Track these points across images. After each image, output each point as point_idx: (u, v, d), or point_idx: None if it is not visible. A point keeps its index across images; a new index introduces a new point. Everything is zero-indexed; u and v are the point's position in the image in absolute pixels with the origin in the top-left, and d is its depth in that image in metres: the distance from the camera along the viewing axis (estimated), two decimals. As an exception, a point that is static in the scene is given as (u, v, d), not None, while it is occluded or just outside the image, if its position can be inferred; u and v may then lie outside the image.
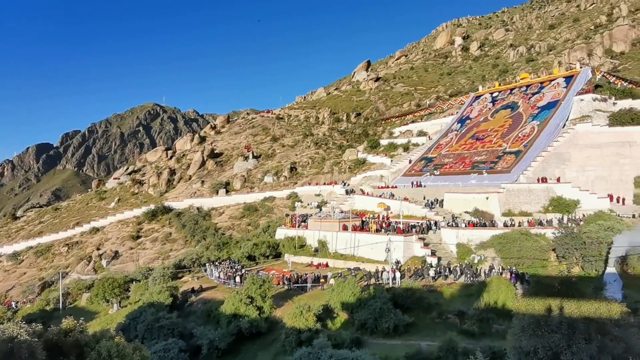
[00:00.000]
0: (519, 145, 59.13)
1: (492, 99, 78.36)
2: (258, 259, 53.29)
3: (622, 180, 49.79)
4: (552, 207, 46.82)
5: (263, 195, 79.19)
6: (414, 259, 42.45)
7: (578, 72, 69.07)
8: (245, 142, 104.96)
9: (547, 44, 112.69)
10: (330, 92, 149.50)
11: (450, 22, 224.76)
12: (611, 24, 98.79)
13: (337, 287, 34.48)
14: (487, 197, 48.43)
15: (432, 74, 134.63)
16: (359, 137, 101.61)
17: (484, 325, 29.22)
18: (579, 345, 15.38)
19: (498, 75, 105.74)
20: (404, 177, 68.71)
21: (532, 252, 38.40)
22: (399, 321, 30.07)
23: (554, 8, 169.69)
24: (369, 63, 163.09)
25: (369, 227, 49.15)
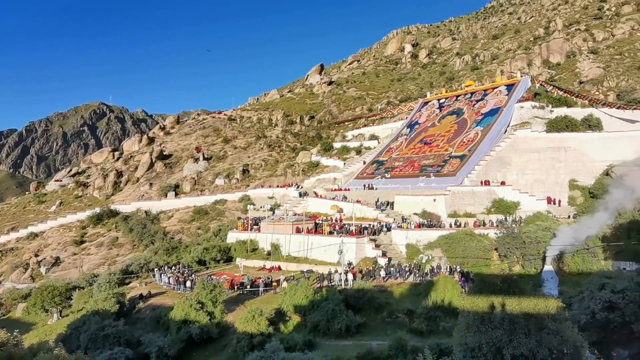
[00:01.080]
0: (464, 150, 61.71)
1: (439, 105, 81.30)
2: (209, 264, 52.26)
3: (558, 183, 53.12)
4: (494, 209, 49.18)
5: (214, 198, 77.77)
6: (366, 260, 43.23)
7: (519, 80, 73.08)
8: (196, 144, 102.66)
9: (491, 53, 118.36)
10: (283, 94, 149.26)
11: (400, 29, 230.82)
12: (548, 37, 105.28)
13: (289, 290, 34.49)
14: (435, 199, 50.16)
15: (383, 80, 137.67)
16: (312, 139, 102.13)
17: (431, 323, 30.21)
18: (520, 340, 16.23)
19: (445, 82, 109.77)
20: (356, 180, 69.81)
21: (476, 251, 40.21)
22: (350, 322, 30.52)
23: (497, 19, 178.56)
24: (323, 67, 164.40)
25: (322, 230, 49.49)
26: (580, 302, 28.89)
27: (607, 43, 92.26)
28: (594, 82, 77.47)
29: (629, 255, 35.63)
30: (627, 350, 26.80)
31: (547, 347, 15.95)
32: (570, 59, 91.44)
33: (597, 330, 26.94)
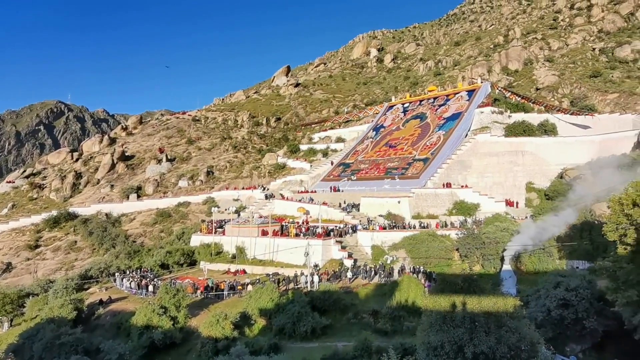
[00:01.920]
0: (427, 153, 63.17)
1: (404, 109, 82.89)
2: (172, 267, 51.14)
3: (516, 185, 55.21)
4: (456, 210, 50.59)
5: (177, 200, 76.17)
6: (332, 261, 43.46)
7: (479, 86, 75.51)
8: (159, 145, 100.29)
9: (453, 60, 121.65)
10: (249, 95, 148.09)
11: (366, 33, 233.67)
12: (507, 44, 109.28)
13: (255, 293, 34.24)
14: (399, 201, 51.06)
15: (350, 83, 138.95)
16: (279, 141, 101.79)
17: (396, 323, 30.70)
18: (480, 338, 16.71)
19: (409, 87, 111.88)
20: (323, 182, 70.12)
21: (439, 251, 41.22)
22: (316, 324, 30.59)
23: (459, 26, 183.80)
24: (289, 68, 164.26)
25: (289, 232, 49.39)
26: (537, 300, 30.10)
27: (562, 52, 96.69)
28: (549, 89, 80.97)
29: (581, 255, 37.43)
30: (580, 345, 28.14)
31: (506, 345, 16.49)
32: (528, 67, 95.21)
33: (552, 327, 28.15)
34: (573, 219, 40.26)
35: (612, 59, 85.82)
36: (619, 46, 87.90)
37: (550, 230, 39.65)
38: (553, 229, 39.61)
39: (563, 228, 39.91)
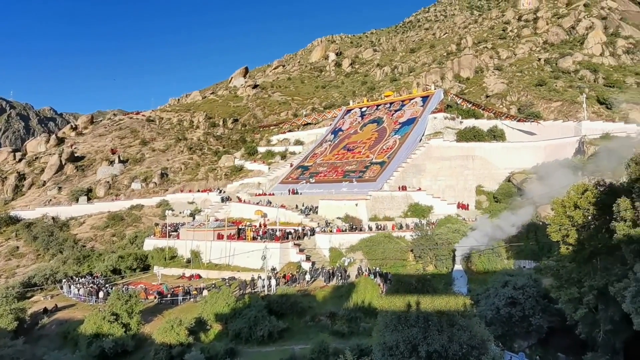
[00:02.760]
0: (384, 157, 64.45)
1: (361, 114, 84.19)
2: (124, 273, 49.34)
3: (466, 188, 57.27)
4: (411, 212, 51.90)
5: (130, 203, 73.63)
6: (290, 264, 43.45)
7: (433, 93, 77.89)
8: (111, 145, 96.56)
9: (408, 66, 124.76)
10: (206, 95, 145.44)
11: (325, 37, 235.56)
12: (460, 53, 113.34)
13: (210, 298, 33.69)
14: (357, 203, 51.77)
15: (308, 86, 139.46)
16: (236, 143, 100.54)
17: (353, 325, 31.08)
18: (433, 337, 17.21)
19: (366, 91, 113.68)
20: (281, 185, 69.94)
21: (394, 253, 42.12)
22: (273, 328, 30.48)
23: (415, 34, 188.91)
24: (247, 69, 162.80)
25: (246, 235, 48.91)
26: (487, 299, 31.35)
27: (510, 61, 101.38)
28: (498, 97, 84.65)
29: (528, 255, 39.36)
30: (527, 342, 29.57)
31: (457, 343, 17.07)
32: (479, 74, 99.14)
33: (501, 325, 29.41)
34: (528, 218, 42.09)
35: (556, 69, 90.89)
36: (562, 57, 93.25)
37: (506, 229, 41.53)
38: (510, 228, 41.41)
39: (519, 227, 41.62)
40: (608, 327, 23.79)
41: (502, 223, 42.61)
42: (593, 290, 24.18)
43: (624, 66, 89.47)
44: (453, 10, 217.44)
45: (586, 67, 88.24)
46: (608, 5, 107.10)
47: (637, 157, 22.06)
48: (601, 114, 70.35)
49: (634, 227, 20.52)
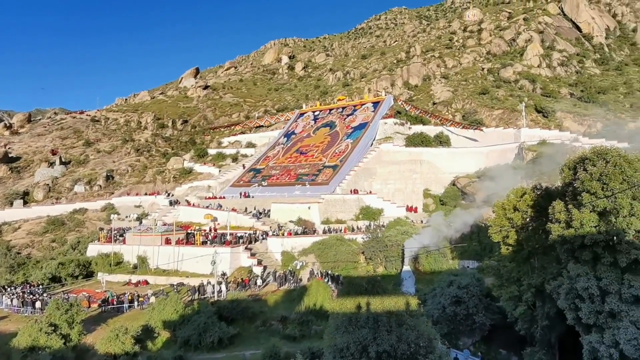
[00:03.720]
0: (336, 160, 65.23)
1: (314, 117, 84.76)
2: (65, 280, 46.73)
3: (415, 192, 59.04)
4: (362, 215, 52.83)
5: (72, 206, 69.90)
6: (241, 269, 42.93)
7: (383, 99, 79.80)
8: (52, 146, 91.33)
9: (360, 72, 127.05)
10: (155, 96, 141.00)
11: (278, 40, 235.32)
12: (409, 60, 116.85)
13: (158, 305, 32.67)
14: (309, 206, 52.02)
15: (261, 88, 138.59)
16: (185, 145, 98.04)
17: (304, 328, 31.18)
18: (382, 337, 17.58)
19: (319, 95, 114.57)
20: (232, 188, 68.96)
21: (346, 255, 42.68)
22: (223, 334, 30.04)
23: (366, 40, 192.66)
24: (198, 70, 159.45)
25: (195, 240, 47.83)
26: (433, 298, 32.47)
27: (456, 70, 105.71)
28: (444, 104, 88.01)
29: (471, 255, 41.18)
30: (471, 339, 30.89)
31: (406, 342, 17.53)
32: (426, 82, 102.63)
33: (447, 323, 30.54)
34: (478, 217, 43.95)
35: (498, 78, 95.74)
36: (504, 67, 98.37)
37: (459, 229, 43.26)
38: (472, 220, 43.11)
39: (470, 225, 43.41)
40: (545, 323, 25.33)
41: (456, 219, 44.53)
42: (531, 289, 25.68)
43: (558, 77, 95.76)
44: (403, 19, 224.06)
45: (525, 77, 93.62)
46: (545, 20, 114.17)
47: (570, 162, 23.71)
48: (538, 122, 74.88)
49: (568, 228, 22.01)
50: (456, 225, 44.05)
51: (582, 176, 21.74)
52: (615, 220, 20.48)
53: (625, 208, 20.27)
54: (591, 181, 21.30)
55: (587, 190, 21.37)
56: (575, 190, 22.18)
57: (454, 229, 43.73)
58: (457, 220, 45.25)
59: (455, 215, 47.43)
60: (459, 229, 43.61)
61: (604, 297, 21.04)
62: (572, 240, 21.70)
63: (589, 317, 21.40)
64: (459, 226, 43.87)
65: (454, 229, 43.69)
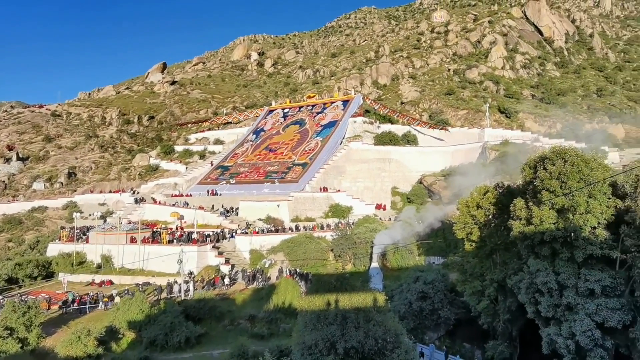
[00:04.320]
0: (306, 158, 65.27)
1: (284, 114, 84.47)
2: (22, 282, 44.86)
3: (383, 190, 59.82)
4: (331, 213, 53.12)
5: (31, 204, 67.15)
6: (208, 268, 42.40)
7: (353, 97, 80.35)
8: (8, 141, 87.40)
9: (330, 70, 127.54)
10: (120, 91, 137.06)
11: (247, 36, 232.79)
12: (378, 60, 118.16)
13: (122, 305, 31.85)
14: (279, 204, 51.88)
15: (229, 84, 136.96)
16: (151, 141, 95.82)
17: (273, 326, 31.14)
18: (350, 333, 17.76)
19: (289, 93, 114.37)
20: (199, 185, 67.90)
21: (315, 253, 42.84)
22: (190, 333, 29.64)
23: (336, 39, 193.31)
24: (165, 65, 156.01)
25: (161, 238, 46.89)
26: (400, 294, 33.06)
27: (423, 70, 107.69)
28: (412, 103, 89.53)
29: (437, 251, 42.09)
30: (436, 333, 31.63)
31: (373, 338, 17.76)
32: (395, 82, 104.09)
33: (413, 318, 31.17)
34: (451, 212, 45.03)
35: (463, 79, 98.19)
36: (469, 69, 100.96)
37: (431, 223, 44.19)
38: (441, 216, 44.08)
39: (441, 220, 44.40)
40: (506, 317, 26.25)
41: (427, 214, 45.53)
42: (493, 283, 26.56)
43: (521, 79, 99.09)
44: (372, 19, 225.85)
45: (489, 78, 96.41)
46: (508, 23, 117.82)
47: (531, 161, 24.61)
48: (502, 122, 77.31)
49: (528, 225, 22.86)
50: (428, 220, 45.06)
51: (542, 175, 22.61)
52: (572, 217, 21.41)
53: (582, 206, 21.22)
54: (550, 180, 22.19)
55: (547, 188, 22.25)
56: (536, 189, 23.05)
57: (427, 223, 44.75)
58: (428, 215, 46.30)
59: (427, 210, 48.61)
60: (430, 224, 44.61)
61: (562, 291, 21.99)
62: (532, 237, 22.56)
63: (547, 311, 22.32)
64: (430, 220, 44.84)
65: (426, 223, 44.73)
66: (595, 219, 21.19)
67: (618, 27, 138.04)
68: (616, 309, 20.71)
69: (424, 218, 46.34)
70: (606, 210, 21.38)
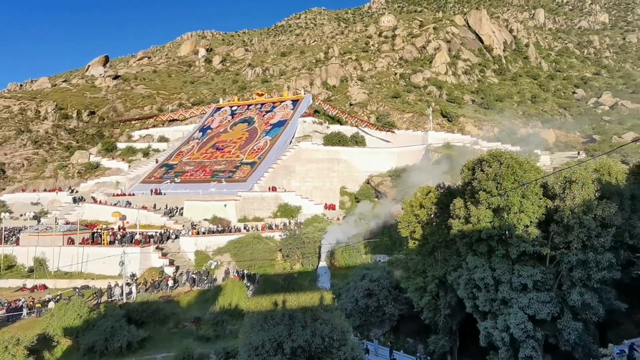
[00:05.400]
0: (254, 157, 64.70)
1: (232, 112, 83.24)
2: (-59, 288, 41.26)
3: (332, 189, 60.54)
4: (280, 213, 53.04)
5: (-49, 204, 61.91)
6: (151, 270, 41.10)
7: (302, 97, 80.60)
8: None
9: (279, 69, 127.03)
10: (57, 83, 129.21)
11: (195, 32, 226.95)
12: (327, 61, 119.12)
13: (58, 310, 30.13)
14: (225, 204, 51.09)
15: (176, 80, 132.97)
16: (92, 138, 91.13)
17: (219, 328, 30.72)
18: (297, 333, 17.89)
19: (237, 90, 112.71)
20: (142, 184, 65.51)
21: (263, 253, 42.65)
22: (133, 337, 28.63)
23: (286, 38, 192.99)
24: (107, 58, 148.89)
25: (102, 239, 44.82)
26: (347, 292, 33.65)
27: (371, 73, 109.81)
28: (360, 105, 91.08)
29: (382, 249, 43.20)
30: (381, 330, 32.46)
31: (320, 336, 17.98)
32: (344, 83, 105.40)
33: (359, 315, 31.83)
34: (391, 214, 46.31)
35: (409, 83, 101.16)
36: (414, 73, 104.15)
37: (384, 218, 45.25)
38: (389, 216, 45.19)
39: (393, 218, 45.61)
40: (447, 312, 27.40)
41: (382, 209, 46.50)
42: (435, 280, 27.65)
43: (462, 85, 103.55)
44: (322, 20, 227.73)
45: (433, 83, 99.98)
46: (452, 31, 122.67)
47: (469, 163, 25.84)
48: (444, 126, 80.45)
49: (466, 224, 23.99)
50: (382, 216, 46.14)
51: (479, 176, 23.82)
52: (507, 216, 22.70)
53: (515, 205, 22.55)
54: (487, 181, 23.41)
55: (484, 189, 23.46)
56: (474, 189, 24.24)
57: (382, 217, 45.83)
58: (383, 210, 47.43)
59: (382, 205, 49.81)
60: (383, 219, 45.71)
61: (498, 286, 23.27)
62: (470, 235, 23.71)
63: (484, 305, 23.55)
64: (384, 217, 45.93)
65: (381, 218, 45.80)
66: (528, 218, 22.58)
67: (550, 39, 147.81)
68: (546, 302, 22.19)
69: (382, 211, 47.49)
70: (537, 209, 22.84)
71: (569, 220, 21.85)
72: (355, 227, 45.21)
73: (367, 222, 46.10)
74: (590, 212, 21.62)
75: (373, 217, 46.76)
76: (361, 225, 45.62)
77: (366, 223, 46.05)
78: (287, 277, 30.20)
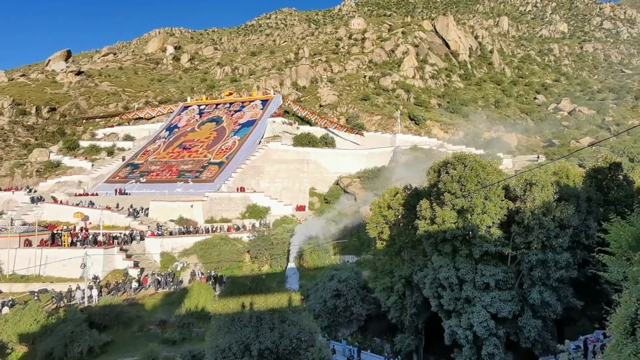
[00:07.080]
0: (222, 157, 63.90)
1: (200, 111, 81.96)
2: None
3: (302, 190, 60.55)
4: (249, 214, 52.57)
5: None
6: (115, 272, 39.97)
7: (272, 97, 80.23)
8: None
9: (249, 69, 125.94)
10: (13, 77, 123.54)
11: (163, 29, 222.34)
12: (297, 62, 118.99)
13: (13, 316, 28.85)
14: (192, 205, 50.24)
15: (142, 78, 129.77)
16: (52, 135, 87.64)
17: (185, 331, 30.18)
18: (265, 335, 17.82)
19: (206, 89, 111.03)
20: (106, 184, 63.60)
21: (230, 255, 42.20)
22: (94, 342, 27.73)
23: (256, 38, 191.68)
24: (70, 53, 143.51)
25: (62, 241, 43.21)
26: (316, 293, 33.73)
27: (341, 75, 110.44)
28: (330, 107, 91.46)
29: (351, 250, 43.54)
30: (349, 330, 32.70)
31: (288, 338, 17.99)
32: (314, 85, 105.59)
33: (327, 316, 31.96)
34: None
35: (378, 86, 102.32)
36: (383, 76, 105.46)
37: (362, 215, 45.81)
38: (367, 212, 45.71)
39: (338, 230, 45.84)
40: (413, 311, 27.90)
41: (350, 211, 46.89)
42: (401, 279, 28.11)
43: (429, 89, 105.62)
44: (292, 20, 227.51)
45: (401, 87, 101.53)
46: (420, 35, 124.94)
47: (435, 166, 26.44)
48: (411, 129, 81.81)
49: (432, 225, 24.52)
50: (351, 217, 46.50)
51: (445, 178, 24.42)
52: (470, 217, 23.36)
53: (479, 207, 23.24)
54: (452, 183, 24.03)
55: (449, 190, 24.07)
56: (439, 191, 24.83)
57: (351, 218, 46.19)
58: (352, 210, 47.80)
59: (351, 206, 50.21)
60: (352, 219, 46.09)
61: (462, 285, 23.90)
62: (436, 235, 24.26)
63: (449, 304, 24.14)
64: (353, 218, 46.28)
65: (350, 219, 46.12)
66: (490, 219, 23.31)
67: (514, 46, 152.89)
68: (507, 301, 22.96)
69: (345, 215, 47.83)
70: (499, 211, 23.61)
71: (530, 221, 22.69)
72: (324, 227, 45.34)
73: (337, 223, 46.32)
74: (550, 213, 22.52)
75: (342, 218, 47.03)
76: (330, 226, 45.79)
77: (335, 224, 46.28)
78: (255, 279, 29.92)
